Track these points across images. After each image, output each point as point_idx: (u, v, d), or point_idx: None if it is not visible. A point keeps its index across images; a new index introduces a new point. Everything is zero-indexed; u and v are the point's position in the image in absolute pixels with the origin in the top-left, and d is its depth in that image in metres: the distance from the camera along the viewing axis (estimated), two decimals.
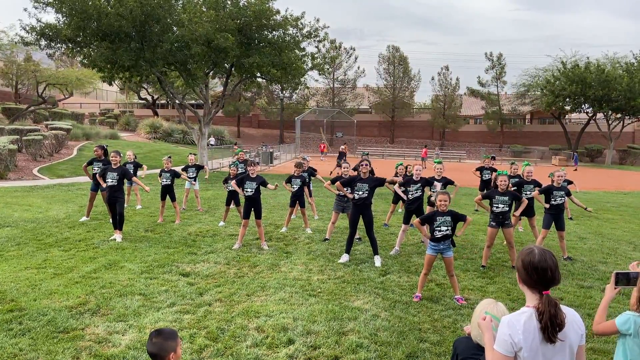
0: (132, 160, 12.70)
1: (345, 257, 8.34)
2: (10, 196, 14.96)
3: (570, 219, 13.34)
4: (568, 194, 9.09)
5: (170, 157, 12.26)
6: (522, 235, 11.00)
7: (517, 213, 8.68)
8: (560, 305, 2.34)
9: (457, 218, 6.53)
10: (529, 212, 9.63)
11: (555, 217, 8.90)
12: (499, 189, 8.24)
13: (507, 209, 8.16)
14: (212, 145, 41.87)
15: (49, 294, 6.27)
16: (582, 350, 2.44)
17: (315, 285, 6.99)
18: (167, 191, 11.66)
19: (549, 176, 9.68)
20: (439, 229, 6.44)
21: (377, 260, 8.20)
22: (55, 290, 6.41)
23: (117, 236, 9.42)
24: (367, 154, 13.13)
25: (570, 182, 12.57)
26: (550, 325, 2.26)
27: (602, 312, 3.18)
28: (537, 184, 9.76)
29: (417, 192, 9.22)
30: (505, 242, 9.64)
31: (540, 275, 2.34)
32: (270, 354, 4.82)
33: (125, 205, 13.09)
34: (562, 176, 9.03)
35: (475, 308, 2.81)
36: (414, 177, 9.37)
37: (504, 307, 2.71)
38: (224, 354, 4.78)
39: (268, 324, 5.49)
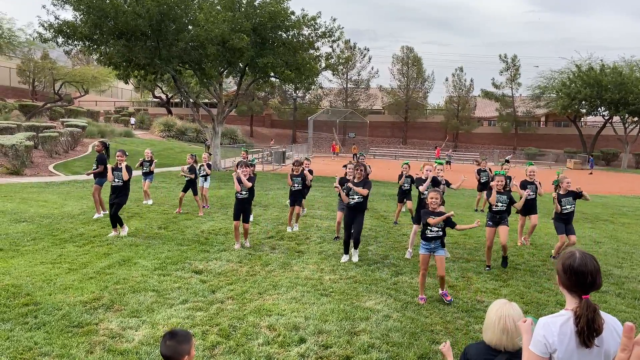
0: (150, 159, 13.54)
1: (345, 258, 8.41)
2: (27, 192, 15.15)
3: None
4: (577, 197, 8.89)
5: (194, 155, 13.09)
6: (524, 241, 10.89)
7: (518, 206, 8.53)
8: (601, 312, 2.32)
9: (448, 222, 6.47)
10: (530, 211, 9.79)
11: (566, 223, 8.76)
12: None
13: (505, 207, 8.21)
14: (132, 124, 44.61)
15: (63, 289, 6.34)
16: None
17: (327, 285, 6.98)
18: (190, 185, 12.51)
19: (552, 183, 9.47)
20: (430, 229, 6.42)
21: (355, 255, 8.43)
22: (70, 285, 6.48)
23: (112, 233, 9.45)
24: (363, 155, 12.99)
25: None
26: (587, 330, 2.24)
27: None
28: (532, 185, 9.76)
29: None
30: (518, 244, 9.62)
31: (580, 279, 2.32)
32: (282, 353, 4.82)
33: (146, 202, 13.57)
34: (569, 183, 8.84)
35: (488, 309, 2.79)
36: (423, 177, 9.24)
37: (518, 307, 2.69)
38: (236, 351, 4.80)
39: (280, 323, 5.50)
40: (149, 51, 21.50)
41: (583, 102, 46.49)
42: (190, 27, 22.22)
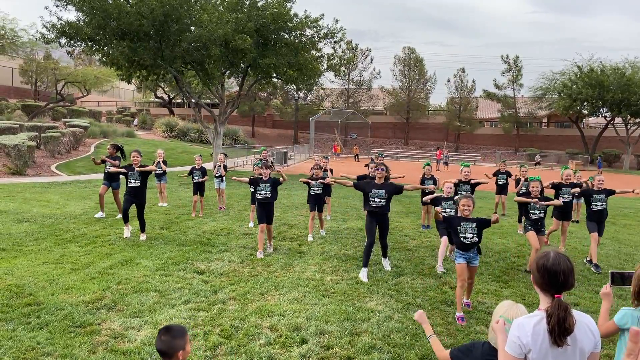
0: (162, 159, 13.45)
1: (364, 272, 7.50)
2: (29, 192, 15.19)
3: (576, 222, 13.25)
4: (608, 194, 8.88)
5: (201, 155, 13.10)
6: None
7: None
8: (574, 311, 2.33)
9: (482, 225, 6.14)
10: (565, 216, 9.63)
11: (598, 222, 8.74)
12: (532, 195, 8.08)
13: (543, 215, 8.07)
14: (135, 125, 45.30)
15: (66, 289, 6.37)
16: (596, 357, 2.43)
17: (329, 285, 7.00)
18: (200, 187, 12.53)
19: (588, 180, 9.63)
20: (464, 235, 6.06)
21: (386, 263, 8.06)
22: (72, 285, 6.51)
23: (142, 236, 9.48)
24: (382, 156, 12.80)
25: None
26: (558, 329, 2.27)
27: (604, 315, 3.26)
28: (574, 186, 9.71)
29: (450, 210, 8.27)
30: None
31: (552, 278, 2.35)
32: (284, 353, 4.84)
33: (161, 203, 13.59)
34: (602, 181, 8.91)
35: (494, 311, 2.80)
36: (444, 195, 8.57)
37: (524, 308, 2.70)
38: (238, 351, 4.82)
39: (281, 323, 5.51)
40: (152, 52, 21.52)
41: (585, 103, 46.40)
42: (192, 27, 22.23)
